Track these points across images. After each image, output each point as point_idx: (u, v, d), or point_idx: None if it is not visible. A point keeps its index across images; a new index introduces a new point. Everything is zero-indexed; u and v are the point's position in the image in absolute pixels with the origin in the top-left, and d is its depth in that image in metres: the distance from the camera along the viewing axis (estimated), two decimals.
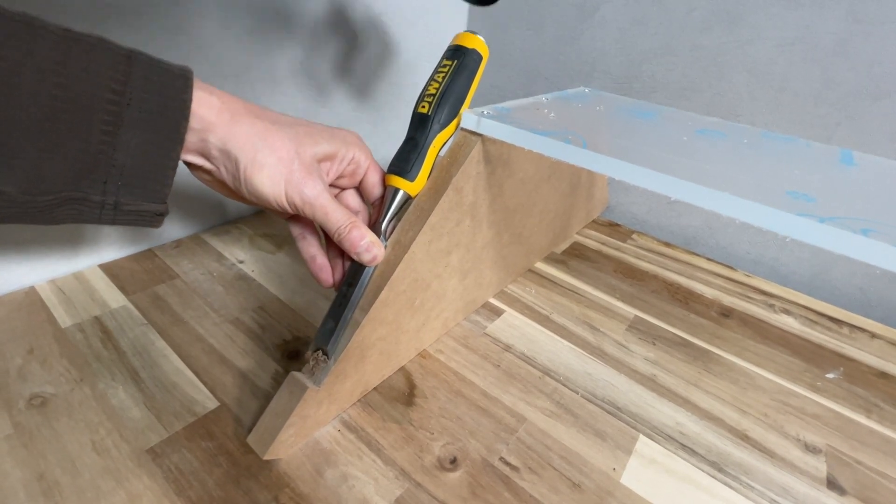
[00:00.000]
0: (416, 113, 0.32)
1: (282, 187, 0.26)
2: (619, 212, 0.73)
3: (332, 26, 0.60)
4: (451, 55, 0.32)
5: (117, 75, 0.21)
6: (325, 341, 0.30)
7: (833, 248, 0.22)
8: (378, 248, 0.30)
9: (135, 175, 0.22)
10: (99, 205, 0.22)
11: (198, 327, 0.40)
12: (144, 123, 0.21)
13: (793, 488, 0.32)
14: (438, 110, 0.31)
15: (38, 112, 0.19)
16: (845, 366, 0.44)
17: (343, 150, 0.30)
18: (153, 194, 0.23)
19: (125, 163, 0.21)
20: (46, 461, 0.29)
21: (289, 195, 0.26)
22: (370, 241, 0.29)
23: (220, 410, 0.33)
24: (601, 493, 0.31)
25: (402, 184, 0.31)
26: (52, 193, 0.20)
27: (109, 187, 0.21)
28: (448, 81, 0.31)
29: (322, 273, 0.31)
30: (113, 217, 0.22)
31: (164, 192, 0.23)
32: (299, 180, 0.26)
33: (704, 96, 0.61)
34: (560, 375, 0.39)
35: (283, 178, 0.26)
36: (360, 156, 0.31)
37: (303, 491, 0.29)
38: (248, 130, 0.25)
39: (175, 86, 0.22)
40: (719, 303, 0.52)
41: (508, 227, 0.44)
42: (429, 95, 0.31)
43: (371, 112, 0.71)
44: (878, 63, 0.49)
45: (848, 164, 0.34)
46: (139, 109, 0.21)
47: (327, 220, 0.28)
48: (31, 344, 0.37)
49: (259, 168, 0.25)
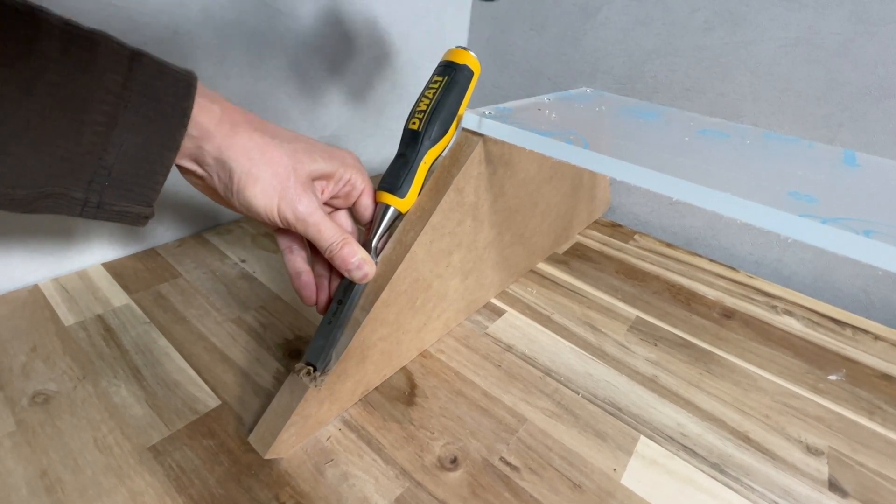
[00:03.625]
0: (406, 129, 0.31)
1: (275, 202, 0.26)
2: (621, 212, 0.73)
3: (334, 26, 0.60)
4: (441, 71, 0.32)
5: (117, 77, 0.20)
6: (316, 358, 0.30)
7: (835, 249, 0.22)
8: (369, 265, 0.29)
9: (123, 178, 0.21)
10: (81, 202, 0.21)
11: (200, 326, 0.40)
12: (140, 127, 0.21)
13: (794, 490, 0.32)
14: (429, 126, 0.31)
15: (30, 108, 0.18)
16: (848, 367, 0.44)
17: (341, 170, 0.29)
18: (140, 198, 0.22)
19: (114, 165, 0.21)
20: (49, 458, 0.29)
21: (281, 210, 0.26)
22: (362, 258, 0.29)
23: (222, 409, 0.33)
24: (602, 493, 0.31)
25: (393, 200, 0.31)
26: (33, 188, 0.19)
27: (94, 187, 0.21)
28: (439, 97, 0.31)
29: (306, 290, 0.30)
30: (95, 214, 0.22)
31: (151, 197, 0.23)
32: (293, 196, 0.26)
33: (707, 97, 0.61)
34: (561, 376, 0.39)
35: (276, 193, 0.26)
36: (357, 178, 0.30)
37: (303, 489, 0.29)
38: (247, 143, 0.25)
39: (177, 92, 0.22)
40: (721, 304, 0.52)
41: (510, 227, 0.44)
42: (419, 112, 0.31)
43: (372, 112, 0.71)
44: (882, 63, 0.49)
45: (851, 165, 0.34)
46: (136, 113, 0.21)
47: (320, 236, 0.28)
48: (35, 342, 0.37)
49: (253, 181, 0.25)
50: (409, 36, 0.71)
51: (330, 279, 0.32)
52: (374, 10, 0.64)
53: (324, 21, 0.58)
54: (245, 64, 0.52)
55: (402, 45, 0.70)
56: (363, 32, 0.64)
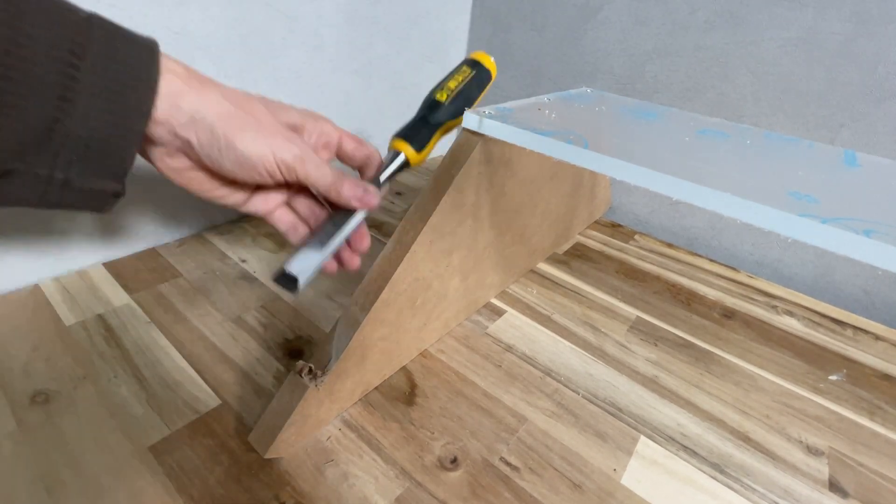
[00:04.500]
0: (432, 98, 0.33)
1: (269, 148, 0.24)
2: (621, 212, 0.73)
3: (334, 27, 0.60)
4: (471, 65, 0.35)
5: (77, 37, 0.18)
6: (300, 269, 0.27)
7: (836, 249, 0.22)
8: (375, 193, 0.28)
9: (91, 147, 0.20)
10: (45, 180, 0.19)
11: (200, 326, 0.40)
12: (107, 92, 0.19)
13: (794, 490, 0.32)
14: (454, 101, 0.33)
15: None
16: (848, 368, 0.44)
17: (311, 121, 0.29)
18: (111, 170, 0.21)
19: (81, 134, 0.19)
20: (49, 458, 0.29)
21: (277, 154, 0.24)
22: (367, 185, 0.28)
23: (222, 409, 0.33)
24: (602, 493, 0.31)
25: (406, 149, 0.32)
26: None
27: (60, 161, 0.19)
28: (467, 82, 0.34)
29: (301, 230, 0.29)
30: (59, 196, 0.20)
31: (123, 168, 0.21)
32: (285, 139, 0.25)
33: (707, 97, 0.61)
34: (561, 376, 0.39)
35: (266, 139, 0.24)
36: (328, 126, 0.30)
37: (303, 489, 0.29)
38: (219, 98, 0.23)
39: (140, 55, 0.20)
40: (722, 304, 0.52)
41: (510, 227, 0.44)
42: (449, 88, 0.33)
43: (371, 112, 0.71)
44: (883, 63, 0.49)
45: (851, 165, 0.34)
46: (101, 76, 0.19)
47: (321, 173, 0.26)
48: (35, 341, 0.37)
49: (240, 129, 0.23)
50: (408, 36, 0.71)
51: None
52: (374, 10, 0.64)
53: (324, 21, 0.58)
54: (245, 64, 0.52)
55: (402, 45, 0.70)
56: (363, 32, 0.64)
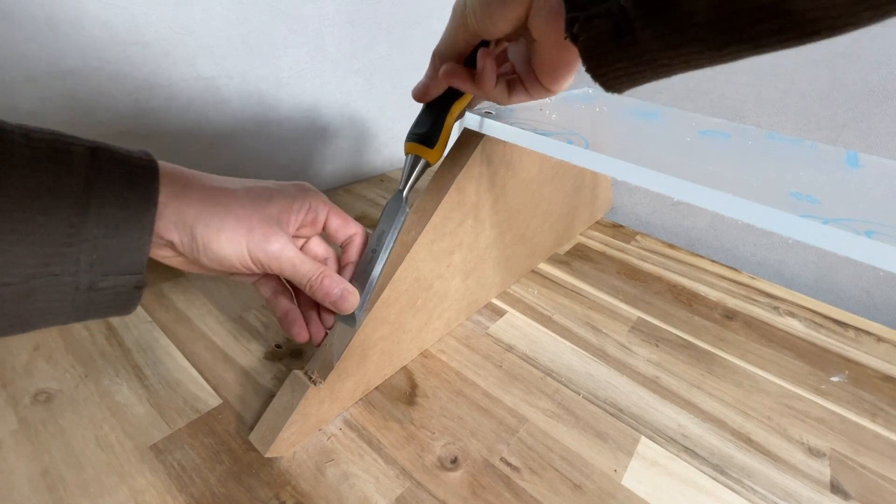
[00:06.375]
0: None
1: (244, 246, 0.25)
2: (622, 213, 0.73)
3: (336, 27, 0.60)
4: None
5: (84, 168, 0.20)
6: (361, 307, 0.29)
7: (837, 249, 0.22)
8: (353, 295, 0.29)
9: (109, 245, 0.21)
10: (73, 286, 0.21)
11: (201, 325, 0.41)
12: (115, 198, 0.21)
13: (796, 492, 0.32)
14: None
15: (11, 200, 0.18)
16: (850, 369, 0.44)
17: (299, 199, 0.28)
18: (130, 265, 0.22)
19: (97, 234, 0.21)
20: (51, 456, 0.29)
21: (252, 253, 0.25)
22: (344, 288, 0.28)
23: (223, 408, 0.33)
24: (602, 494, 0.31)
25: (423, 151, 0.31)
26: (22, 278, 0.19)
27: (82, 264, 0.21)
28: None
29: (294, 327, 0.30)
30: (87, 301, 0.21)
31: (141, 260, 0.22)
32: (261, 237, 0.25)
33: (710, 97, 0.61)
34: (562, 376, 0.39)
35: (243, 238, 0.25)
36: (316, 202, 0.30)
37: (304, 489, 0.29)
38: (200, 197, 0.24)
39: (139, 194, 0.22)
40: (723, 305, 0.51)
41: (511, 227, 0.44)
42: None
43: (373, 113, 0.71)
44: (885, 64, 0.49)
45: (853, 166, 0.34)
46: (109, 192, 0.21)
47: (296, 272, 0.27)
48: (37, 340, 0.37)
49: (217, 232, 0.24)
50: (410, 36, 0.71)
51: (318, 313, 0.31)
52: (375, 11, 0.64)
53: (326, 22, 0.58)
54: (247, 64, 0.53)
55: (402, 45, 0.70)
56: (364, 33, 0.64)
